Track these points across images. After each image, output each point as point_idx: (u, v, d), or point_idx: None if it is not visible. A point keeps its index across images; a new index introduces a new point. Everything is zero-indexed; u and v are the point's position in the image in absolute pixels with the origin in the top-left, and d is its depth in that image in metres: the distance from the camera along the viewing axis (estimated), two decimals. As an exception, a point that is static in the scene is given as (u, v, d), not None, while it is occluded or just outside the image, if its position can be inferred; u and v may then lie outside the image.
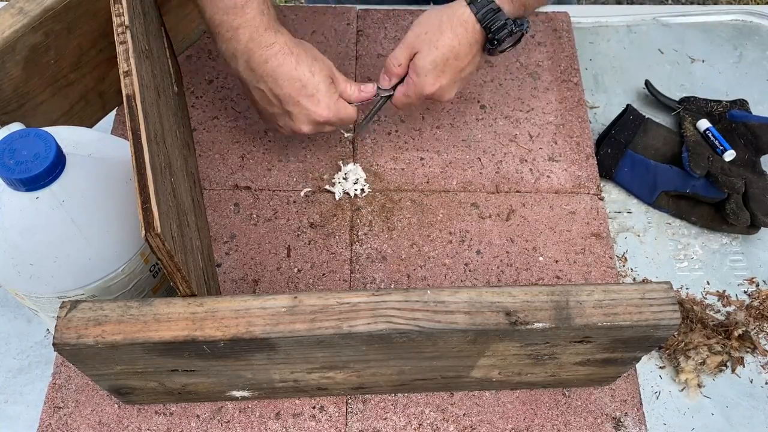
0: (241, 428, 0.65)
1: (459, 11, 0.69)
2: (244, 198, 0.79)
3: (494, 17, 0.68)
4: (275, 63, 0.66)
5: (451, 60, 0.69)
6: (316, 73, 0.68)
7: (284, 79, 0.66)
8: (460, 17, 0.69)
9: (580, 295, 0.54)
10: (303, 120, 0.70)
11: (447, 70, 0.70)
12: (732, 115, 0.85)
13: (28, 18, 0.63)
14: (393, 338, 0.53)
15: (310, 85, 0.67)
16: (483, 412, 0.67)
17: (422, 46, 0.69)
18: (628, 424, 0.67)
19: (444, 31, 0.69)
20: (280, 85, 0.67)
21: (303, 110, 0.68)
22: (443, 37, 0.69)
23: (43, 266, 0.55)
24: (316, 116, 0.69)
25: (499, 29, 0.68)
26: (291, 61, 0.66)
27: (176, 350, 0.52)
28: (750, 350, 0.73)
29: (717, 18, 1.00)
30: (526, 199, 0.80)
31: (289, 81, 0.67)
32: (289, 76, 0.66)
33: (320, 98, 0.68)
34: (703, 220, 0.80)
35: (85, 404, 0.66)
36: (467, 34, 0.69)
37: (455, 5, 0.70)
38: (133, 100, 0.52)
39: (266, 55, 0.66)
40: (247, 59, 0.66)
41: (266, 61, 0.66)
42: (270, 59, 0.66)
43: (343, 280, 0.74)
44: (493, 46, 0.70)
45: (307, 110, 0.68)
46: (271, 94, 0.68)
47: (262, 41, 0.65)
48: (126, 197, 0.57)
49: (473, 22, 0.68)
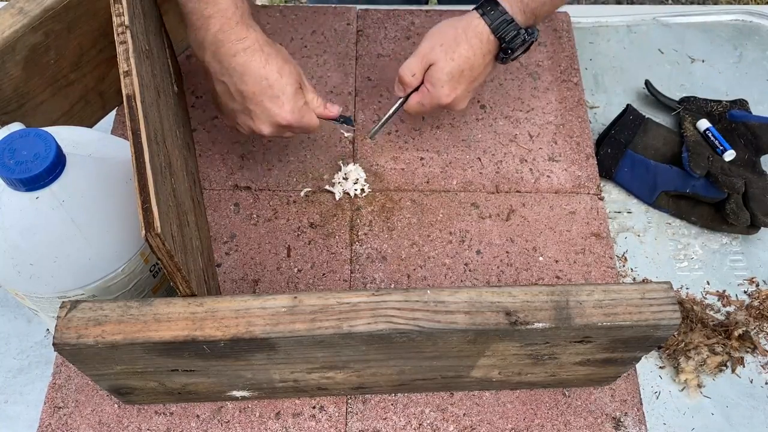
0: (241, 428, 0.65)
1: (474, 23, 0.70)
2: (244, 198, 0.79)
3: (508, 28, 0.69)
4: (243, 58, 0.64)
5: (467, 71, 0.70)
6: (285, 75, 0.66)
7: (251, 75, 0.65)
8: (475, 29, 0.69)
9: (580, 295, 0.54)
10: (264, 120, 0.67)
11: (462, 80, 0.71)
12: (732, 115, 0.85)
13: (28, 18, 0.63)
14: (393, 338, 0.53)
15: (276, 86, 0.65)
16: (483, 412, 0.67)
17: (438, 57, 0.70)
18: (628, 424, 0.67)
19: (460, 42, 0.69)
20: (245, 81, 0.65)
21: (265, 111, 0.67)
22: (459, 48, 0.69)
23: (43, 266, 0.55)
24: (279, 119, 0.67)
25: (512, 39, 0.69)
26: (260, 58, 0.65)
27: (176, 350, 0.52)
28: (750, 350, 0.73)
29: (717, 18, 1.00)
30: (526, 199, 0.80)
31: (256, 78, 0.65)
32: (256, 74, 0.65)
33: (285, 101, 0.66)
34: (703, 220, 0.80)
35: (85, 404, 0.66)
36: (482, 45, 0.70)
37: (469, 17, 0.70)
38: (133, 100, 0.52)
39: (235, 49, 0.64)
40: (215, 50, 0.64)
41: (234, 54, 0.64)
42: (239, 53, 0.64)
43: (343, 280, 0.74)
44: (507, 55, 0.71)
45: (270, 111, 0.66)
46: (235, 89, 0.66)
47: (232, 34, 0.64)
48: (126, 197, 0.57)
49: (488, 33, 0.69)
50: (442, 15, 0.95)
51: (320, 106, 0.70)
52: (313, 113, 0.69)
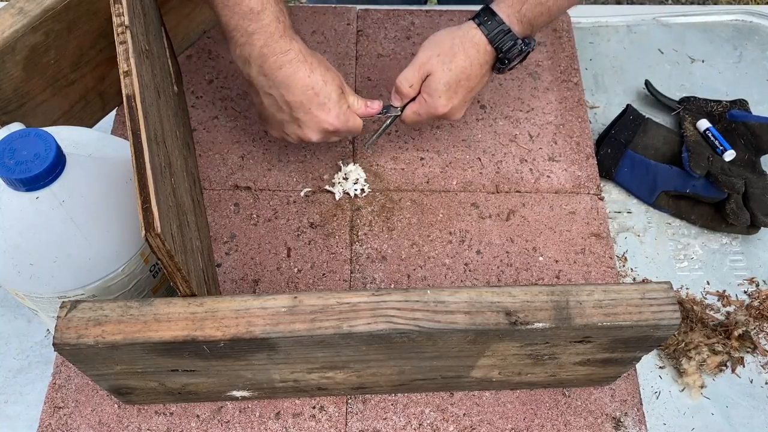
0: (241, 428, 0.65)
1: (470, 33, 0.70)
2: (244, 198, 0.79)
3: (504, 38, 0.69)
4: (290, 70, 0.66)
5: (464, 81, 0.71)
6: (329, 82, 0.68)
7: (298, 86, 0.66)
8: (472, 39, 0.70)
9: (580, 295, 0.54)
10: (312, 128, 0.70)
11: (459, 91, 0.71)
12: (732, 115, 0.85)
13: (28, 18, 0.63)
14: (393, 338, 0.53)
15: (322, 93, 0.67)
16: (483, 412, 0.67)
17: (435, 67, 0.70)
18: (628, 424, 0.67)
19: (456, 53, 0.70)
20: (292, 92, 0.67)
21: (313, 118, 0.69)
22: (456, 59, 0.70)
23: (43, 266, 0.55)
24: (326, 125, 0.69)
25: (509, 49, 0.69)
26: (305, 68, 0.66)
27: (176, 350, 0.52)
28: (750, 350, 0.73)
29: (717, 18, 1.00)
30: (526, 199, 0.80)
31: (303, 89, 0.67)
32: (303, 84, 0.66)
33: (331, 107, 0.68)
34: (703, 220, 0.80)
35: (85, 404, 0.66)
36: (479, 55, 0.70)
37: (465, 27, 0.71)
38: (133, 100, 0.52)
39: (281, 62, 0.66)
40: (261, 64, 0.66)
41: (280, 67, 0.66)
42: (284, 66, 0.66)
43: (343, 280, 0.74)
44: (503, 65, 0.71)
45: (318, 118, 0.69)
46: (283, 100, 0.68)
47: (276, 47, 0.65)
48: (126, 197, 0.57)
49: (485, 43, 0.70)
50: (442, 15, 0.95)
51: (362, 107, 0.72)
52: (356, 117, 0.71)
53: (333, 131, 0.70)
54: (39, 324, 0.72)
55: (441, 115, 0.72)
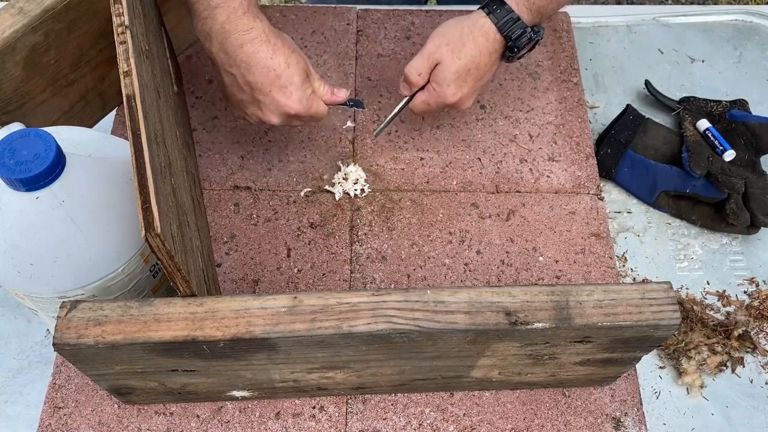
0: (241, 428, 0.65)
1: (479, 22, 0.70)
2: (244, 198, 0.79)
3: (514, 26, 0.69)
4: (251, 49, 0.64)
5: (473, 70, 0.70)
6: (292, 65, 0.66)
7: (258, 66, 0.65)
8: (481, 28, 0.69)
9: (580, 295, 0.54)
10: (272, 110, 0.68)
11: (469, 79, 0.71)
12: (732, 115, 0.85)
13: (28, 18, 0.63)
14: (393, 338, 0.53)
15: (284, 76, 0.66)
16: (483, 412, 0.67)
17: (444, 56, 0.70)
18: (628, 424, 0.67)
19: (466, 42, 0.69)
20: (252, 72, 0.65)
21: (273, 101, 0.67)
22: (465, 47, 0.69)
23: (43, 266, 0.55)
24: (287, 108, 0.67)
25: (518, 38, 0.69)
26: (267, 49, 0.65)
27: (176, 350, 0.52)
28: (750, 350, 0.73)
29: (717, 18, 1.00)
30: (526, 199, 0.80)
31: (264, 69, 0.65)
32: (264, 65, 0.65)
33: (293, 91, 0.66)
34: (703, 220, 0.80)
35: (85, 404, 0.66)
36: (488, 44, 0.70)
37: (474, 16, 0.70)
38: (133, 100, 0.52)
39: (242, 40, 0.64)
40: (222, 41, 0.64)
41: (242, 45, 0.64)
42: (246, 44, 0.64)
43: (343, 280, 0.74)
44: (513, 53, 0.71)
45: (278, 101, 0.67)
46: (243, 80, 0.66)
47: (239, 24, 0.64)
48: (126, 197, 0.57)
49: (494, 32, 0.69)
50: (442, 15, 0.95)
51: (327, 93, 0.70)
52: (321, 103, 0.70)
53: (294, 115, 0.68)
54: (39, 324, 0.72)
55: (450, 104, 0.72)
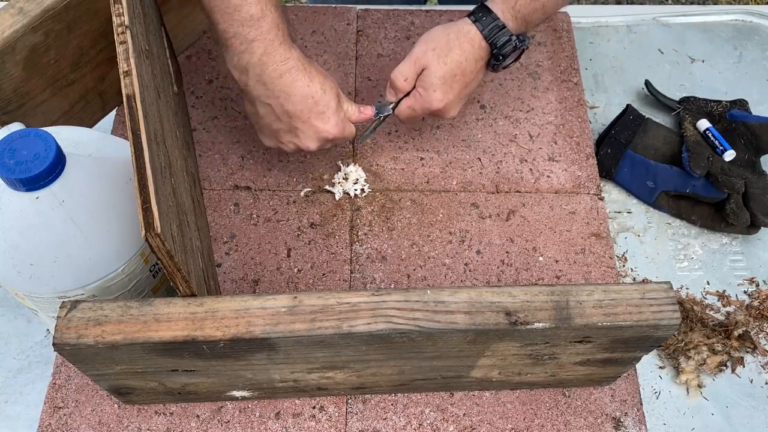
0: (241, 428, 0.65)
1: (465, 28, 0.70)
2: (244, 198, 0.79)
3: (499, 33, 0.69)
4: (289, 78, 0.65)
5: (459, 75, 0.71)
6: (327, 90, 0.67)
7: (297, 95, 0.66)
8: (467, 34, 0.70)
9: (580, 295, 0.54)
10: (311, 137, 0.69)
11: (455, 85, 0.71)
12: (732, 115, 0.85)
13: (28, 18, 0.63)
14: (393, 338, 0.53)
15: (321, 102, 0.67)
16: (483, 412, 0.67)
17: (431, 61, 0.70)
18: (628, 424, 0.67)
19: (452, 47, 0.70)
20: (292, 101, 0.66)
21: (312, 127, 0.68)
22: (451, 53, 0.70)
23: (43, 266, 0.55)
24: (325, 134, 0.69)
25: (504, 45, 0.70)
26: (305, 77, 0.66)
27: (176, 350, 0.52)
28: (750, 350, 0.73)
29: (717, 18, 1.00)
30: (526, 199, 0.80)
31: (302, 98, 0.66)
32: (303, 93, 0.66)
33: (330, 116, 0.68)
34: (703, 220, 0.80)
35: (85, 404, 0.66)
36: (474, 50, 0.70)
37: (461, 23, 0.71)
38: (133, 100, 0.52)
39: (281, 70, 0.65)
40: (260, 73, 0.65)
41: (280, 76, 0.65)
42: (284, 74, 0.65)
43: (343, 280, 0.74)
44: (498, 61, 0.72)
45: (316, 127, 0.68)
46: (282, 110, 0.67)
47: (276, 56, 0.65)
48: (126, 197, 0.57)
49: (480, 38, 0.70)
50: (442, 15, 0.95)
51: (355, 113, 0.72)
52: (351, 124, 0.71)
53: (331, 139, 0.70)
54: (39, 324, 0.72)
55: (436, 110, 0.72)
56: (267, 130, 0.71)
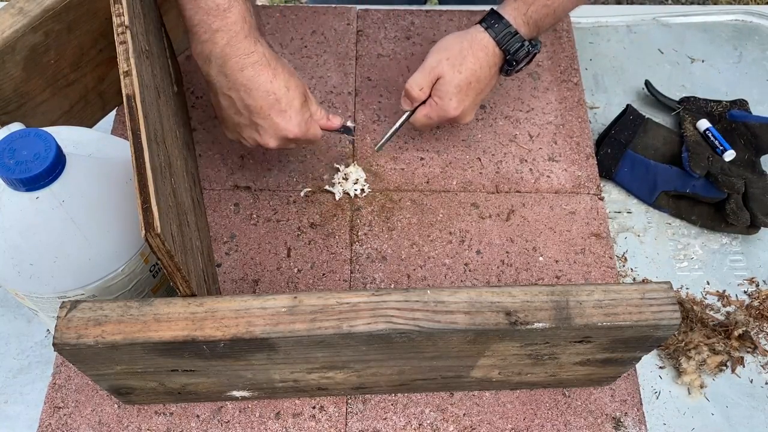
0: (241, 428, 0.65)
1: (478, 36, 0.71)
2: (244, 198, 0.79)
3: (512, 40, 0.70)
4: (251, 72, 0.64)
5: (474, 83, 0.71)
6: (292, 88, 0.66)
7: (259, 90, 0.64)
8: (480, 42, 0.70)
9: (580, 295, 0.54)
10: (271, 134, 0.67)
11: (470, 93, 0.72)
12: (732, 115, 0.85)
13: (28, 18, 0.63)
14: (393, 338, 0.53)
15: (283, 100, 0.66)
16: (483, 412, 0.67)
17: (445, 71, 0.70)
18: (628, 424, 0.67)
19: (466, 56, 0.70)
20: (253, 96, 0.65)
21: (273, 125, 0.67)
22: (466, 62, 0.70)
23: (43, 266, 0.55)
24: (286, 132, 0.67)
25: (517, 51, 0.70)
26: (268, 73, 0.65)
27: (176, 350, 0.52)
28: (750, 350, 0.73)
29: (717, 18, 1.00)
30: (526, 199, 0.80)
31: (264, 93, 0.65)
32: (264, 89, 0.64)
33: (292, 115, 0.66)
34: (703, 220, 0.80)
35: (85, 404, 0.66)
36: (488, 57, 0.71)
37: (473, 31, 0.71)
38: (133, 100, 0.52)
39: (243, 64, 0.64)
40: (222, 64, 0.64)
41: (242, 69, 0.64)
42: (246, 68, 0.64)
43: (343, 280, 0.74)
44: (512, 67, 0.72)
45: (277, 125, 0.67)
46: (242, 104, 0.66)
47: (240, 48, 0.63)
48: (126, 197, 0.57)
49: (493, 46, 0.70)
50: (442, 15, 0.95)
51: (323, 118, 0.71)
52: (317, 127, 0.70)
53: (292, 139, 0.68)
54: (39, 324, 0.72)
55: (452, 117, 0.73)
56: (228, 123, 0.70)
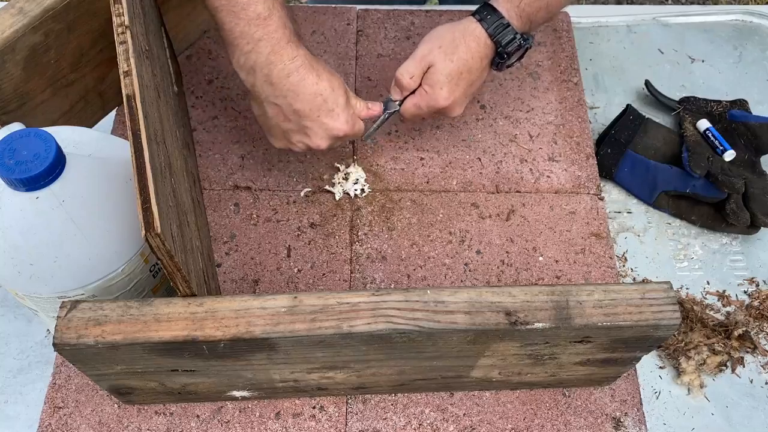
0: (241, 428, 0.65)
1: (471, 27, 0.70)
2: (244, 198, 0.79)
3: (504, 32, 0.70)
4: (297, 77, 0.64)
5: (465, 73, 0.71)
6: (336, 88, 0.67)
7: (306, 94, 0.65)
8: (473, 32, 0.70)
9: (580, 295, 0.54)
10: (321, 135, 0.68)
11: (461, 83, 0.71)
12: (732, 115, 0.85)
13: (28, 18, 0.63)
14: (393, 338, 0.53)
15: (330, 100, 0.66)
16: (483, 412, 0.67)
17: (437, 59, 0.70)
18: (628, 424, 0.67)
19: (458, 45, 0.70)
20: (301, 100, 0.65)
21: (322, 126, 0.67)
22: (458, 51, 0.70)
23: (43, 266, 0.55)
24: (336, 131, 0.68)
25: (509, 43, 0.70)
26: (313, 75, 0.65)
27: (176, 350, 0.52)
28: (750, 350, 0.73)
29: (717, 18, 1.00)
30: (526, 199, 0.80)
31: (311, 96, 0.65)
32: (311, 91, 0.65)
33: (339, 113, 0.67)
34: (703, 220, 0.80)
35: (85, 404, 0.66)
36: (479, 48, 0.70)
37: (466, 22, 0.71)
38: (133, 100, 0.52)
39: (288, 69, 0.64)
40: (268, 73, 0.64)
41: (288, 75, 0.64)
42: (292, 73, 0.64)
43: (343, 280, 0.74)
44: (503, 60, 0.72)
45: (326, 126, 0.67)
46: (290, 109, 0.66)
47: (284, 54, 0.64)
48: (126, 197, 0.57)
49: (485, 37, 0.70)
50: (442, 15, 0.95)
51: (363, 109, 0.71)
52: (360, 120, 0.71)
53: (342, 137, 0.69)
54: (39, 324, 0.72)
55: (442, 108, 0.72)
56: (276, 131, 0.70)
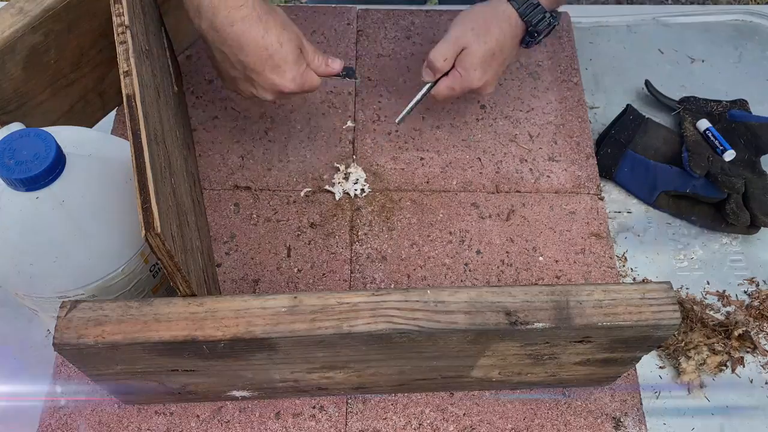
0: (241, 428, 0.65)
1: (501, 7, 0.72)
2: (244, 198, 0.79)
3: (534, 12, 0.71)
4: (242, 27, 0.62)
5: (498, 54, 0.72)
6: (285, 43, 0.64)
7: (250, 46, 0.63)
8: (503, 13, 0.71)
9: (580, 295, 0.54)
10: (266, 89, 0.67)
11: (493, 64, 0.72)
12: (732, 115, 0.85)
13: (28, 18, 0.63)
14: (393, 338, 0.53)
15: (277, 55, 0.64)
16: (483, 412, 0.67)
17: (470, 41, 0.71)
18: (628, 424, 0.67)
19: (490, 26, 0.71)
20: (245, 52, 0.63)
21: (267, 80, 0.65)
22: (490, 32, 0.71)
23: (43, 266, 0.55)
24: (281, 87, 0.66)
25: (539, 22, 0.71)
26: (259, 28, 0.62)
27: (176, 350, 0.52)
28: (750, 350, 0.73)
29: (717, 18, 1.00)
30: (526, 199, 0.80)
31: (255, 49, 0.63)
32: (256, 44, 0.63)
33: (286, 70, 0.65)
34: (703, 220, 0.80)
35: (85, 404, 0.66)
36: (511, 28, 0.71)
37: (495, 3, 0.72)
38: (133, 100, 0.52)
39: (232, 18, 0.61)
40: (212, 18, 0.62)
41: (232, 24, 0.62)
42: (236, 23, 0.62)
43: (343, 280, 0.74)
44: (533, 38, 0.73)
45: (272, 81, 0.65)
46: (235, 59, 0.64)
47: (230, 1, 0.61)
48: (126, 197, 0.57)
49: (516, 17, 0.71)
50: (442, 15, 0.95)
51: (322, 65, 0.69)
52: (314, 76, 0.69)
53: (288, 93, 0.68)
54: (39, 324, 0.72)
55: (476, 88, 0.73)
56: (225, 75, 0.69)
